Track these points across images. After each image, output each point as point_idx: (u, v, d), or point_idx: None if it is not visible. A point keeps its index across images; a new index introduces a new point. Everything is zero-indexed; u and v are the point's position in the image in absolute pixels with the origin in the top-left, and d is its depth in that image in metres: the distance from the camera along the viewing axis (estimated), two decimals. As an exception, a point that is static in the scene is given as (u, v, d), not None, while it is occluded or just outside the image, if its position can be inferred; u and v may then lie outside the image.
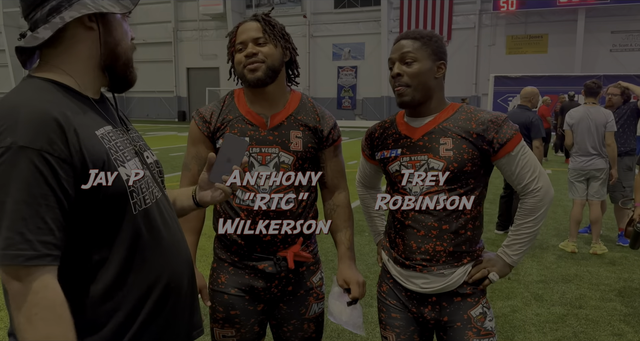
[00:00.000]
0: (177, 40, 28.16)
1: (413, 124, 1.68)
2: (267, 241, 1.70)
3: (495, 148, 1.60)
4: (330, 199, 1.84)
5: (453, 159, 1.59)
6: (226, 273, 1.77)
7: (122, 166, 1.05)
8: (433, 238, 1.63)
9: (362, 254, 4.82)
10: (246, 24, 1.69)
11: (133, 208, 1.06)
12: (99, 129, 1.05)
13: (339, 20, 25.26)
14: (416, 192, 1.64)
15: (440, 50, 1.62)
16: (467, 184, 1.62)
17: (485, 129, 1.59)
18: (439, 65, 1.62)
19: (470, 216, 1.64)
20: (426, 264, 1.64)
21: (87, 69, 1.10)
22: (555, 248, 5.13)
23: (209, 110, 1.75)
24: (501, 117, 1.62)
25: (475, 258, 1.68)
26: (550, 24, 21.82)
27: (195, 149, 1.76)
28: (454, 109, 1.67)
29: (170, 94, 28.66)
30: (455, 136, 1.61)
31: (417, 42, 1.60)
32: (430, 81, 1.60)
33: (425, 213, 1.63)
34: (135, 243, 1.07)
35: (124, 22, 1.14)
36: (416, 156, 1.64)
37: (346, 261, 1.79)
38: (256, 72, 1.63)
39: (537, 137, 5.08)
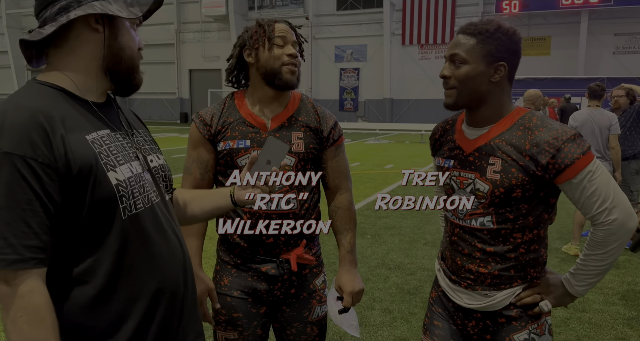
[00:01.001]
0: (179, 42, 28.22)
1: (468, 134, 1.53)
2: (270, 243, 1.69)
3: (552, 175, 1.37)
4: (333, 201, 1.82)
5: (499, 184, 1.41)
6: (229, 276, 1.76)
7: (113, 171, 1.05)
8: (477, 260, 1.50)
9: (363, 256, 4.81)
10: (284, 25, 1.69)
11: (122, 213, 1.06)
12: (91, 134, 1.06)
13: (342, 22, 25.29)
14: (462, 211, 1.51)
15: (503, 49, 1.41)
16: (519, 209, 1.44)
17: (539, 152, 1.37)
18: (497, 67, 1.41)
19: (522, 241, 1.47)
20: (471, 283, 1.53)
21: (89, 71, 1.11)
22: (558, 251, 5.11)
23: (209, 113, 1.74)
24: (563, 137, 1.36)
25: (529, 281, 1.50)
26: (553, 26, 21.82)
27: (196, 152, 1.74)
28: (513, 120, 1.45)
29: (173, 96, 28.70)
30: (505, 157, 1.41)
31: (473, 39, 1.41)
32: (481, 85, 1.42)
33: (470, 233, 1.50)
34: (124, 248, 1.07)
35: (132, 30, 1.15)
36: (465, 173, 1.50)
37: (345, 265, 1.78)
38: (294, 75, 1.65)
39: (540, 140, 5.04)
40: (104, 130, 1.10)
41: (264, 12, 25.80)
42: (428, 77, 23.48)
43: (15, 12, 28.98)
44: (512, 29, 1.43)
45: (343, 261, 1.78)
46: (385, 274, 4.33)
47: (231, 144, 1.68)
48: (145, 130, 1.31)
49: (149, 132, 1.34)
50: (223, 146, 1.68)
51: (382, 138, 18.58)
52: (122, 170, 1.07)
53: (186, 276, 1.22)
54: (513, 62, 1.44)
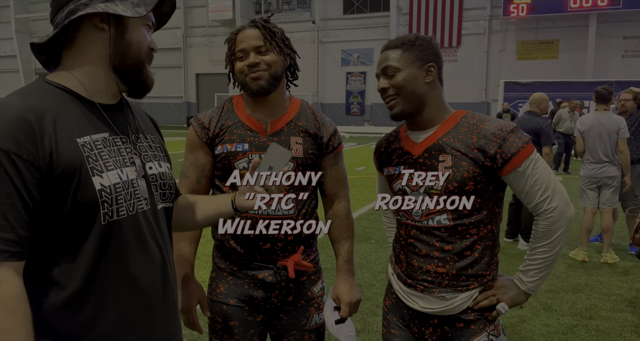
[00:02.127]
0: (186, 46, 28.39)
1: (413, 138, 1.59)
2: (266, 249, 1.67)
3: (499, 164, 1.45)
4: (330, 209, 1.80)
5: (452, 178, 1.47)
6: (225, 283, 1.73)
7: (99, 176, 1.05)
8: (435, 259, 1.53)
9: (368, 261, 4.77)
10: (246, 31, 1.65)
11: (102, 218, 1.06)
12: (84, 137, 1.06)
13: (348, 26, 25.31)
14: (417, 212, 1.54)
15: (427, 52, 1.51)
16: (473, 203, 1.49)
17: (486, 143, 1.45)
18: (428, 68, 1.51)
19: (479, 237, 1.51)
20: (427, 286, 1.54)
21: (98, 72, 1.13)
22: (565, 257, 5.05)
23: (208, 116, 1.72)
24: (507, 128, 1.46)
25: (485, 284, 1.54)
26: (561, 30, 21.72)
27: (193, 156, 1.73)
28: (456, 119, 1.54)
29: (180, 100, 28.84)
30: (454, 153, 1.48)
31: (398, 50, 1.51)
32: (419, 87, 1.50)
33: (427, 233, 1.53)
34: (101, 254, 1.07)
35: (143, 29, 1.15)
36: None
37: (343, 274, 1.75)
38: (259, 80, 1.61)
39: (547, 144, 5.01)
40: (102, 133, 1.11)
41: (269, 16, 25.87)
42: (435, 81, 23.41)
43: (24, 16, 29.24)
44: (429, 37, 1.55)
45: (341, 271, 1.76)
46: (389, 280, 4.29)
47: (229, 147, 1.66)
48: (156, 136, 1.31)
49: (161, 139, 1.35)
50: (221, 149, 1.67)
51: (388, 142, 18.51)
52: (109, 176, 1.07)
53: (165, 288, 1.20)
54: (439, 63, 1.54)
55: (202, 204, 1.42)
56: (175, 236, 1.74)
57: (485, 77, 22.99)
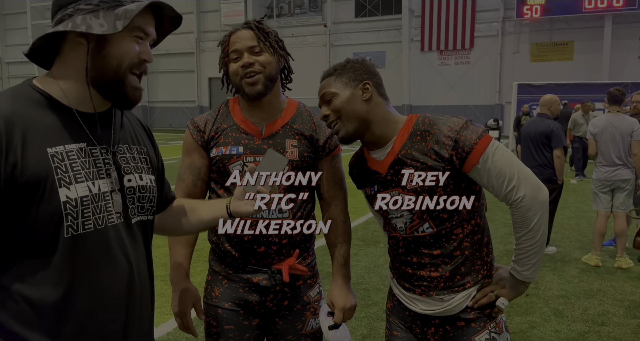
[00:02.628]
0: (199, 50, 28.59)
1: (376, 157, 1.58)
2: (261, 252, 1.65)
3: (458, 165, 1.44)
4: (327, 212, 1.78)
5: (420, 190, 1.47)
6: (220, 287, 1.72)
7: (66, 187, 1.04)
8: (427, 265, 1.54)
9: (376, 265, 4.73)
10: (239, 33, 1.64)
11: (65, 231, 1.04)
12: (56, 147, 1.05)
13: (360, 29, 25.29)
14: (401, 227, 1.56)
15: (360, 72, 1.52)
16: (450, 204, 1.49)
17: (440, 147, 1.44)
18: (363, 86, 1.51)
19: (464, 234, 1.52)
20: (425, 289, 1.55)
21: (78, 83, 1.12)
22: (578, 262, 4.95)
23: (204, 119, 1.72)
24: (456, 127, 1.44)
25: (481, 280, 1.54)
26: (576, 31, 21.45)
27: (189, 159, 1.72)
28: (409, 128, 1.52)
29: (193, 104, 29.04)
30: (414, 163, 1.48)
31: (331, 77, 1.53)
32: (357, 106, 1.50)
33: (415, 241, 1.54)
34: (62, 267, 1.05)
35: (132, 42, 1.11)
36: (389, 192, 1.55)
37: (338, 279, 1.74)
38: (255, 85, 1.60)
39: (558, 147, 4.92)
40: (79, 143, 1.09)
41: (282, 20, 25.96)
42: (447, 83, 23.29)
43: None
44: (360, 58, 1.57)
45: (336, 276, 1.74)
46: (396, 284, 4.24)
47: (224, 150, 1.65)
48: (145, 147, 1.29)
49: (152, 149, 1.33)
50: (216, 152, 1.66)
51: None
52: (78, 188, 1.06)
53: (131, 305, 1.17)
54: (375, 80, 1.53)
55: (196, 209, 1.41)
56: (171, 240, 1.74)
57: (499, 80, 22.77)
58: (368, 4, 25.11)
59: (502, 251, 5.16)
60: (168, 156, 13.66)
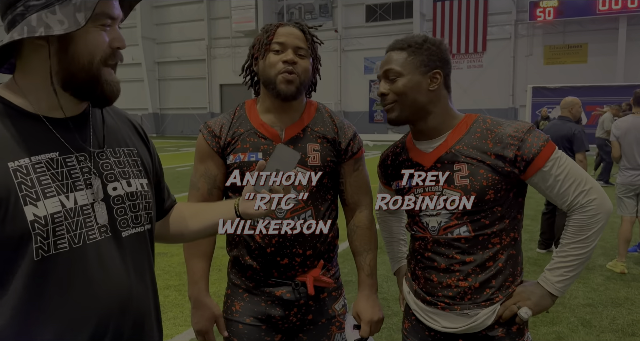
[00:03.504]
0: (210, 57, 28.69)
1: (422, 148, 1.49)
2: (284, 264, 1.57)
3: (522, 167, 1.37)
4: (352, 219, 1.69)
5: (470, 188, 1.38)
6: (241, 300, 1.64)
7: (32, 205, 0.92)
8: (456, 272, 1.43)
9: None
10: (289, 28, 1.54)
11: (35, 254, 0.92)
12: (19, 160, 0.94)
13: (371, 33, 25.25)
14: (434, 227, 1.45)
15: (435, 58, 1.42)
16: (493, 213, 1.40)
17: (504, 147, 1.37)
18: (433, 75, 1.41)
19: (501, 246, 1.42)
20: (449, 302, 1.44)
21: (46, 88, 0.99)
22: (602, 269, 4.80)
23: (219, 123, 1.62)
24: (523, 129, 1.38)
25: (509, 296, 1.44)
26: (589, 33, 21.20)
27: (203, 166, 1.63)
28: (467, 125, 1.45)
29: (204, 110, 29.13)
30: (470, 160, 1.39)
31: (403, 52, 1.42)
32: (421, 95, 1.41)
33: (446, 245, 1.43)
34: (33, 292, 0.93)
35: (99, 31, 0.98)
36: (430, 187, 1.45)
37: (365, 290, 1.65)
38: (291, 85, 1.51)
39: (580, 151, 4.79)
40: (49, 153, 0.98)
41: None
42: (460, 87, 23.11)
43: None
44: (438, 40, 1.45)
45: (362, 286, 1.65)
46: (415, 293, 4.13)
47: (242, 156, 1.56)
48: (133, 148, 1.16)
49: (145, 151, 1.20)
50: (233, 159, 1.57)
51: (413, 150, 18.31)
52: (47, 204, 0.94)
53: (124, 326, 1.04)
54: (446, 70, 1.45)
55: (201, 212, 1.30)
56: (187, 253, 1.66)
57: (512, 83, 22.58)
58: (379, 9, 25.08)
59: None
60: (180, 163, 13.70)
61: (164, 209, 1.31)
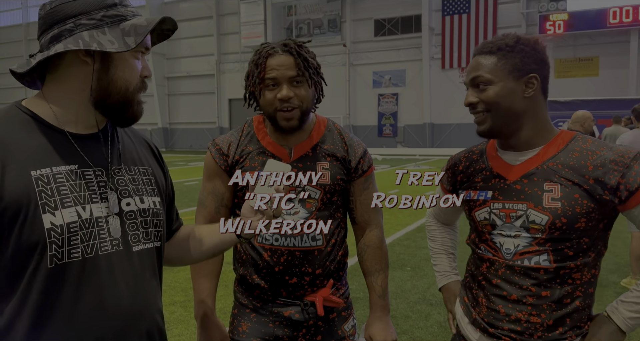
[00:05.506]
0: (219, 72, 28.99)
1: (508, 160, 1.35)
2: (293, 284, 1.55)
3: (623, 197, 1.22)
4: (362, 238, 1.67)
5: (561, 213, 1.24)
6: (248, 321, 1.62)
7: (50, 213, 0.96)
8: (528, 306, 1.29)
9: (403, 291, 4.55)
10: (278, 58, 1.47)
11: (49, 261, 0.95)
12: (41, 169, 0.98)
13: (379, 48, 25.38)
14: (509, 250, 1.31)
15: (529, 61, 1.27)
16: (579, 244, 1.26)
17: (605, 172, 1.22)
18: (528, 80, 1.27)
19: (581, 282, 1.29)
20: (515, 337, 1.31)
21: (77, 103, 1.05)
22: (616, 286, 4.70)
23: (227, 141, 1.61)
24: (629, 155, 1.23)
25: (581, 335, 1.31)
26: (600, 46, 21.15)
27: (211, 184, 1.62)
28: (564, 141, 1.29)
29: (213, 125, 29.34)
30: (564, 182, 1.25)
31: (493, 57, 1.28)
32: (516, 103, 1.27)
33: (522, 274, 1.29)
34: (49, 298, 0.96)
35: (134, 59, 1.06)
36: (512, 204, 1.30)
37: (377, 311, 1.61)
38: (291, 121, 1.49)
39: (592, 165, 4.73)
40: (69, 165, 1.02)
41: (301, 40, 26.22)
42: (469, 101, 23.08)
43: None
44: (533, 38, 1.31)
45: (374, 307, 1.62)
46: (426, 311, 4.06)
47: (250, 175, 1.54)
48: (148, 167, 1.19)
49: (160, 171, 1.23)
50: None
51: (422, 164, 18.24)
52: (64, 214, 0.97)
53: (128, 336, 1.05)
54: (544, 73, 1.30)
55: (203, 233, 1.31)
56: (194, 272, 1.64)
57: (522, 97, 22.53)
58: (387, 23, 25.23)
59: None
60: (189, 177, 13.73)
61: (171, 230, 1.31)
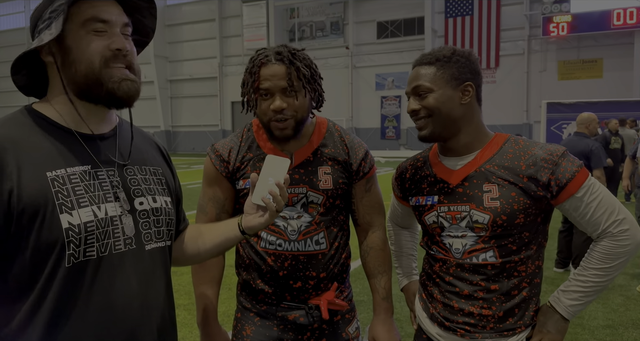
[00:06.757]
0: (222, 75, 28.97)
1: (449, 165, 1.44)
2: (297, 288, 1.54)
3: (554, 192, 1.33)
4: (365, 240, 1.65)
5: (501, 211, 1.33)
6: (252, 325, 1.60)
7: (68, 213, 0.97)
8: (479, 300, 1.38)
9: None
10: (271, 67, 1.45)
11: (67, 260, 0.96)
12: (56, 170, 0.99)
13: (382, 50, 25.35)
14: (458, 249, 1.39)
15: (465, 70, 1.37)
16: (521, 238, 1.36)
17: (537, 170, 1.33)
18: (464, 88, 1.37)
19: (527, 274, 1.38)
20: (470, 329, 1.39)
21: (66, 100, 1.07)
22: (622, 288, 4.66)
23: (227, 147, 1.60)
24: (557, 152, 1.34)
25: (530, 326, 1.41)
26: (604, 48, 21.06)
27: (211, 190, 1.60)
28: (498, 144, 1.40)
29: (215, 128, 29.34)
30: (501, 182, 1.35)
31: (432, 67, 1.37)
32: (454, 110, 1.36)
33: (472, 271, 1.38)
34: (65, 296, 0.97)
35: (92, 35, 1.02)
36: (456, 206, 1.39)
37: (380, 314, 1.61)
38: (285, 130, 1.48)
39: (598, 167, 4.71)
40: (82, 166, 1.03)
41: (304, 43, 26.21)
42: (472, 103, 23.04)
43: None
44: (467, 51, 1.41)
45: (377, 310, 1.61)
46: (430, 313, 4.03)
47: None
48: (160, 167, 1.20)
49: (168, 170, 1.23)
50: (243, 184, 1.55)
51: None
52: (81, 213, 0.99)
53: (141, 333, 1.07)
54: (477, 82, 1.40)
55: (205, 233, 1.31)
56: (195, 279, 1.63)
57: (526, 99, 22.44)
58: (390, 26, 25.22)
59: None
60: (191, 180, 13.72)
61: (179, 230, 1.31)
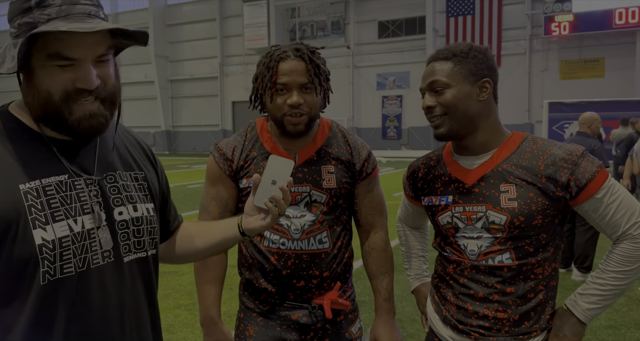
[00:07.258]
0: (222, 75, 28.95)
1: (464, 164, 1.41)
2: (300, 287, 1.53)
3: (574, 193, 1.30)
4: (366, 241, 1.65)
5: (519, 212, 1.30)
6: (255, 325, 1.59)
7: (41, 228, 0.91)
8: (494, 303, 1.35)
9: (409, 294, 4.47)
10: (290, 62, 1.47)
11: (41, 278, 0.91)
12: (31, 182, 0.93)
13: (383, 50, 25.33)
14: (473, 251, 1.36)
15: (482, 66, 1.35)
16: (539, 240, 1.33)
17: (556, 170, 1.30)
18: (482, 84, 1.34)
19: (543, 277, 1.35)
20: (484, 333, 1.37)
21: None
22: (626, 288, 4.64)
23: (230, 145, 1.59)
24: (577, 152, 1.31)
25: (546, 329, 1.38)
26: (606, 47, 21.02)
27: (214, 189, 1.59)
28: (516, 143, 1.37)
29: (216, 128, 29.34)
30: (519, 182, 1.32)
31: (448, 62, 1.35)
32: (471, 106, 1.34)
33: (487, 273, 1.35)
34: (43, 313, 0.92)
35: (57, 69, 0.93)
36: (471, 207, 1.36)
37: (382, 315, 1.60)
38: (298, 126, 1.48)
39: (601, 166, 4.69)
40: (59, 176, 0.97)
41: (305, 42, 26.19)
42: (473, 103, 23.01)
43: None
44: (484, 47, 1.39)
45: (379, 310, 1.61)
46: (433, 313, 4.02)
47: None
48: (140, 172, 1.14)
49: (153, 173, 1.18)
50: (247, 183, 1.54)
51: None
52: (55, 228, 0.93)
53: None
54: (494, 78, 1.38)
55: (204, 231, 1.28)
56: (198, 278, 1.62)
57: (528, 98, 22.42)
58: (391, 25, 25.20)
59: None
60: (192, 180, 13.73)
61: (170, 230, 1.28)
